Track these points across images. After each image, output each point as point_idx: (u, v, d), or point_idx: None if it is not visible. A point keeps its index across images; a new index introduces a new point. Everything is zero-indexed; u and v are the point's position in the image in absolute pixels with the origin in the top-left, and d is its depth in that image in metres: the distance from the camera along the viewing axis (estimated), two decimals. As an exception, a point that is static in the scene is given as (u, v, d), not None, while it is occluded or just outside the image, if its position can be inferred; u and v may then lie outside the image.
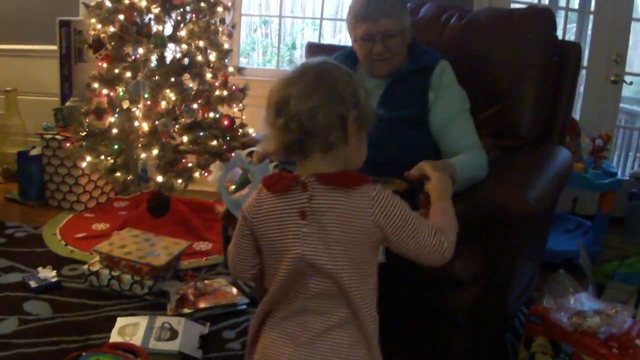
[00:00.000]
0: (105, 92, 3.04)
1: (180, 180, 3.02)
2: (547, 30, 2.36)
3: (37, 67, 4.11)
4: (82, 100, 3.18)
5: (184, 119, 3.07)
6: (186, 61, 3.13)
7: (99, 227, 3.32)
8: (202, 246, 3.12)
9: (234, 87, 3.24)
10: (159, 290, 2.55)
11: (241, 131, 3.21)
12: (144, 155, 3.02)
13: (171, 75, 3.03)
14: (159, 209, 3.33)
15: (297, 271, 1.28)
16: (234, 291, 2.53)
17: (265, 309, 1.37)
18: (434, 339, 1.94)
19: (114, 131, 3.02)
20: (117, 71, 3.03)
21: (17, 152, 3.73)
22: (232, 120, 3.19)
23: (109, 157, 3.06)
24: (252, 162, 1.78)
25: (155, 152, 2.98)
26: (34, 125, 3.93)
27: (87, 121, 3.09)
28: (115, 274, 2.54)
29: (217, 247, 3.08)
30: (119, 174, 3.07)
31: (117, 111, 3.04)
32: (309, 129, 1.22)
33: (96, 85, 3.05)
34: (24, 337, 2.18)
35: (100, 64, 3.07)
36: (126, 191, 3.58)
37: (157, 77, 3.01)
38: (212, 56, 3.19)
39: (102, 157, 3.07)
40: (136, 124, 3.01)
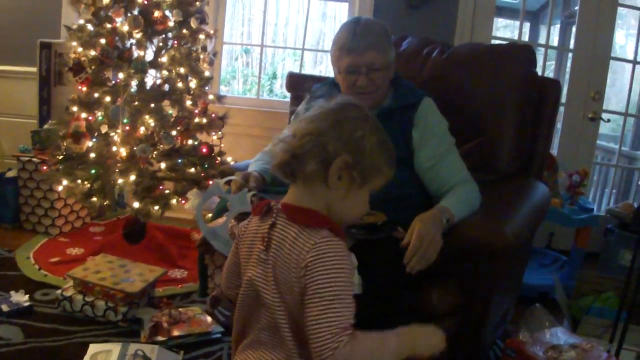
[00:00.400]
0: (84, 115, 3.02)
1: (157, 207, 3.00)
2: (527, 66, 2.40)
3: (16, 89, 4.07)
4: (60, 123, 3.15)
5: (162, 145, 3.05)
6: (166, 87, 3.12)
7: (74, 251, 3.27)
8: (177, 274, 3.09)
9: (214, 114, 3.24)
10: (133, 317, 2.50)
11: (219, 159, 3.20)
12: (121, 180, 2.98)
13: (151, 101, 3.02)
14: (135, 235, 3.29)
15: (250, 296, 1.28)
16: (209, 319, 2.50)
17: (234, 336, 1.37)
18: (410, 372, 1.91)
19: (92, 155, 2.99)
20: (96, 95, 3.02)
21: (-8, 174, 3.67)
22: (210, 148, 3.18)
23: (86, 182, 3.03)
24: (231, 191, 1.78)
25: (132, 177, 2.95)
26: (10, 147, 3.89)
27: (65, 144, 3.05)
28: (89, 299, 2.50)
29: (192, 274, 3.05)
30: (95, 198, 3.04)
31: (96, 135, 3.02)
32: (296, 150, 1.21)
33: (75, 108, 3.02)
34: (-6, 363, 2.13)
35: (79, 88, 3.06)
36: (102, 216, 3.55)
37: (136, 103, 2.99)
38: (193, 83, 3.19)
39: (79, 181, 3.03)
40: (114, 149, 2.98)
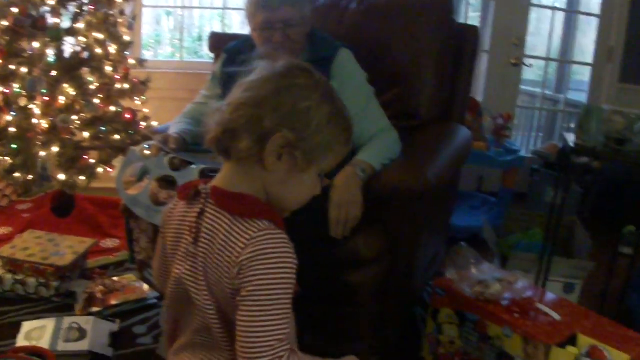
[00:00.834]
0: (0, 89, 2.91)
1: (83, 177, 2.94)
2: (444, 13, 2.42)
3: None
4: (-25, 98, 3.04)
5: (84, 114, 2.98)
6: (85, 55, 3.04)
7: (1, 231, 3.18)
8: (109, 243, 3.05)
9: (136, 79, 3.17)
10: (66, 291, 2.46)
11: (145, 125, 3.15)
12: (43, 153, 2.91)
13: (69, 69, 2.93)
14: (64, 208, 3.23)
15: (180, 295, 1.14)
16: (145, 287, 2.49)
17: (167, 332, 1.25)
18: (342, 318, 1.95)
19: (11, 130, 2.89)
20: (12, 67, 2.90)
21: None
22: (134, 113, 3.13)
23: (7, 157, 2.94)
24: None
25: (55, 149, 2.88)
26: None
27: (-18, 121, 2.95)
28: (18, 278, 2.44)
29: (125, 243, 2.99)
30: (18, 174, 2.95)
31: (14, 109, 2.91)
32: (229, 124, 1.05)
33: (-10, 82, 2.92)
34: None
35: (-6, 60, 2.95)
36: (28, 192, 3.46)
37: (54, 72, 2.90)
38: (112, 49, 3.11)
39: (0, 157, 2.94)
40: (34, 121, 2.89)
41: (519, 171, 3.62)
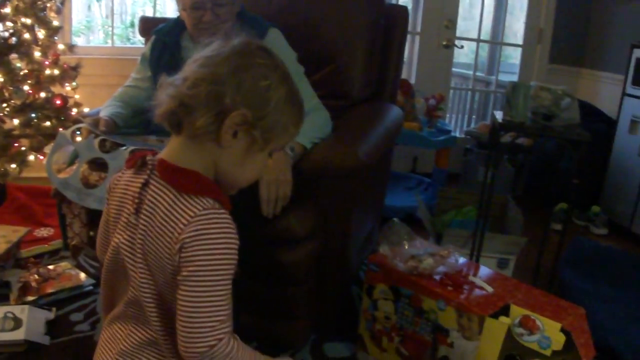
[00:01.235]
0: None
1: (14, 165, 2.88)
2: (373, -6, 2.45)
3: None
4: None
5: (13, 101, 2.91)
6: (13, 40, 2.96)
7: None
8: (43, 232, 2.99)
9: (66, 65, 3.12)
10: (0, 280, 2.42)
11: (76, 110, 3.09)
12: (-28, 142, 2.84)
13: (-4, 55, 2.86)
14: (-5, 197, 3.16)
15: (117, 264, 1.14)
16: (81, 275, 2.47)
17: (102, 303, 1.25)
18: (279, 297, 1.97)
19: (-64, 119, 2.82)
20: None
21: None
22: (65, 99, 3.07)
23: None
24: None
25: (-17, 138, 2.81)
26: None
27: None
28: (-52, 270, 2.40)
29: (59, 232, 2.96)
30: (-56, 164, 2.88)
31: (-62, 97, 2.84)
32: (186, 99, 1.04)
33: None
34: None
35: None
36: (-42, 184, 3.37)
37: (-20, 59, 2.83)
38: (41, 34, 3.04)
39: None
40: (-39, 109, 2.82)
41: (452, 151, 3.71)
